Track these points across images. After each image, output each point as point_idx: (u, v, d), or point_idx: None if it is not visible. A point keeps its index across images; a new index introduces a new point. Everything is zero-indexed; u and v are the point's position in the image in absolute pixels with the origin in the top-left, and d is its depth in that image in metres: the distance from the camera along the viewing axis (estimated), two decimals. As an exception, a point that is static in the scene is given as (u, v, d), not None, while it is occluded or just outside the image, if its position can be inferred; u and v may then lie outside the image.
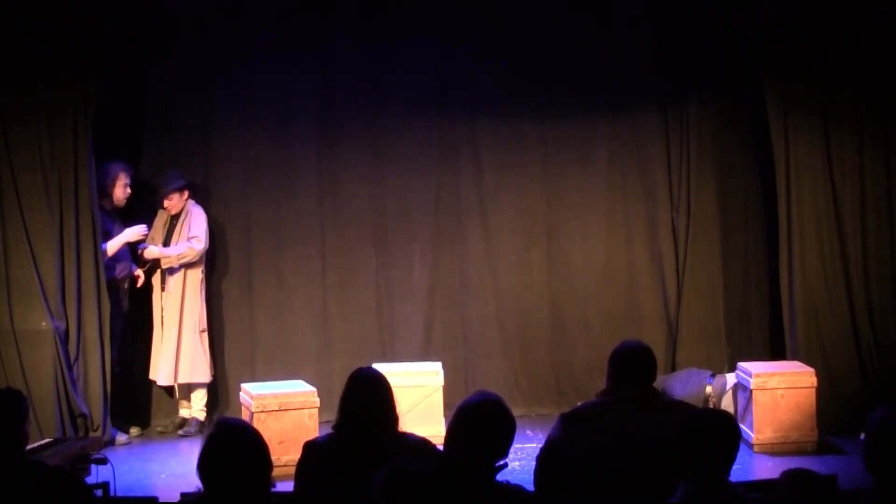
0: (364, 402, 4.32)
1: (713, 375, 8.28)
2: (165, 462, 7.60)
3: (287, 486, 4.39)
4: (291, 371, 8.29)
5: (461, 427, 3.71)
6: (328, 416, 7.02)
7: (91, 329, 7.76)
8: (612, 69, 8.95)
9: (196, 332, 8.33)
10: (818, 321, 8.14)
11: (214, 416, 8.36)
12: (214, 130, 8.73)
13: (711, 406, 7.89)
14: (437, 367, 8.01)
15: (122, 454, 7.69)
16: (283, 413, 7.19)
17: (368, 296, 8.87)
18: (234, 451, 3.45)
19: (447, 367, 8.23)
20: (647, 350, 4.52)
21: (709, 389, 8.14)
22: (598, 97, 8.97)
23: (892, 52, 8.08)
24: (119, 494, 6.02)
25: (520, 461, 6.68)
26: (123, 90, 8.51)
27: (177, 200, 8.39)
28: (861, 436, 5.49)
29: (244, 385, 7.59)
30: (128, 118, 8.63)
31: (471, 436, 3.68)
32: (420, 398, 7.70)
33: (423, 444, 4.31)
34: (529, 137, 8.93)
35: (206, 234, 8.38)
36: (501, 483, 3.70)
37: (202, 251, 8.36)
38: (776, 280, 8.50)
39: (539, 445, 4.50)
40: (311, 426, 7.17)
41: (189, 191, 8.44)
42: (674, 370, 8.78)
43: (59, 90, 7.67)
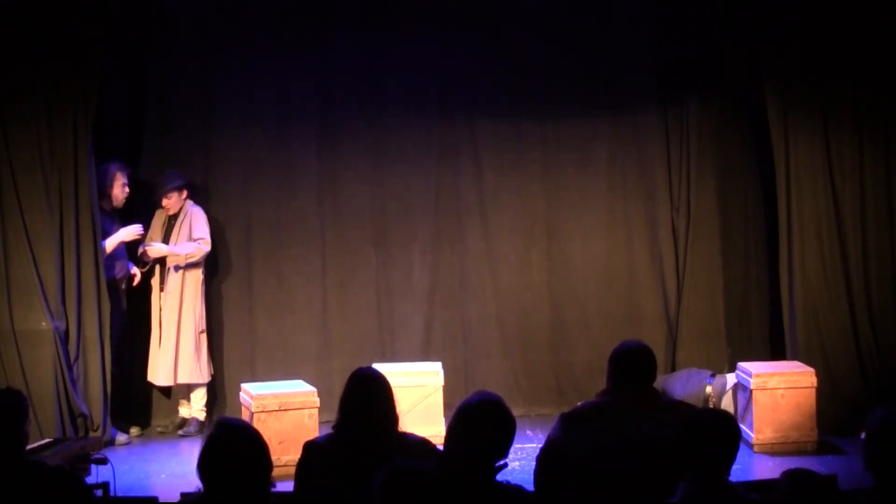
0: (364, 402, 4.32)
1: (713, 375, 8.28)
2: (165, 462, 7.60)
3: (287, 486, 4.39)
4: (291, 371, 8.29)
5: (461, 427, 3.71)
6: (328, 416, 7.02)
7: (91, 329, 7.76)
8: (612, 69, 8.95)
9: (196, 333, 8.33)
10: (818, 321, 8.14)
11: (214, 416, 8.36)
12: (214, 130, 8.73)
13: (711, 406, 7.89)
14: (437, 367, 8.01)
15: (122, 454, 7.68)
16: (283, 413, 7.19)
17: (368, 296, 8.88)
18: (234, 451, 3.45)
19: (447, 367, 8.23)
20: (647, 350, 4.52)
21: (709, 389, 8.14)
22: (598, 97, 8.98)
23: (892, 52, 8.08)
24: (119, 494, 6.02)
25: (520, 461, 6.67)
26: (123, 90, 8.51)
27: (175, 200, 8.39)
28: (861, 435, 5.51)
29: (244, 385, 7.59)
30: (128, 118, 8.63)
31: (471, 436, 3.68)
32: (420, 398, 7.70)
33: (423, 444, 4.31)
34: (529, 137, 8.94)
35: (209, 236, 8.40)
36: (501, 483, 3.70)
37: (207, 253, 8.38)
38: (776, 280, 8.50)
39: (539, 445, 4.50)
40: (311, 426, 7.17)
41: (188, 191, 8.44)
42: (674, 370, 8.78)
43: (59, 90, 7.67)
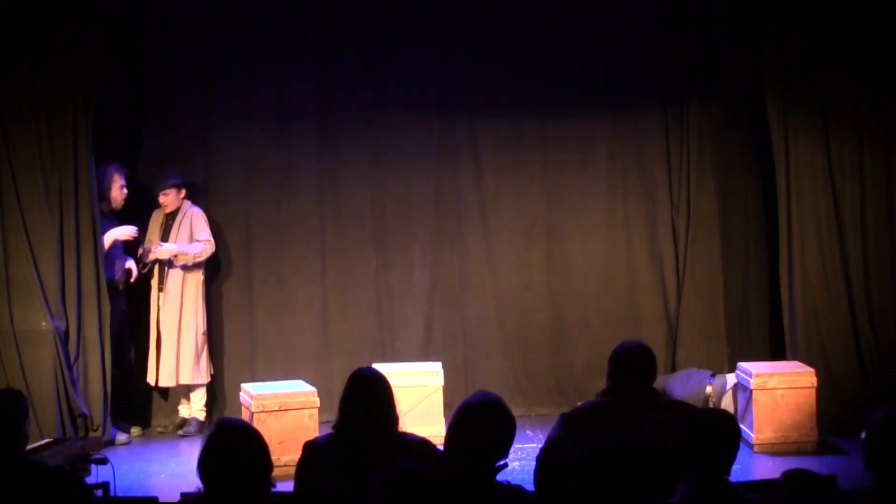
0: (364, 402, 4.32)
1: (713, 375, 8.28)
2: (165, 462, 7.60)
3: (287, 486, 4.39)
4: (291, 371, 8.29)
5: (461, 427, 3.71)
6: (328, 416, 7.02)
7: (91, 329, 7.76)
8: (612, 69, 8.95)
9: (197, 334, 8.33)
10: (818, 321, 8.13)
11: (214, 416, 8.36)
12: (214, 130, 8.73)
13: (711, 406, 7.88)
14: (437, 367, 8.00)
15: (122, 454, 7.68)
16: (283, 413, 7.19)
17: (368, 296, 8.87)
18: (234, 451, 3.45)
19: (447, 367, 8.23)
20: (647, 350, 4.52)
21: (709, 389, 8.14)
22: (598, 97, 8.97)
23: (892, 52, 8.08)
24: (119, 494, 6.02)
25: (520, 461, 6.67)
26: (123, 90, 8.51)
27: (173, 197, 8.36)
28: (861, 435, 5.51)
29: (244, 385, 7.59)
30: (128, 118, 8.63)
31: (471, 436, 3.68)
32: (420, 398, 7.70)
33: (423, 444, 4.31)
34: (529, 137, 8.93)
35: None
36: (501, 483, 3.70)
37: (212, 253, 8.39)
38: (776, 280, 8.49)
39: (539, 445, 4.50)
40: (311, 426, 7.17)
41: (186, 190, 8.43)
42: (674, 370, 8.78)
43: (59, 90, 7.67)
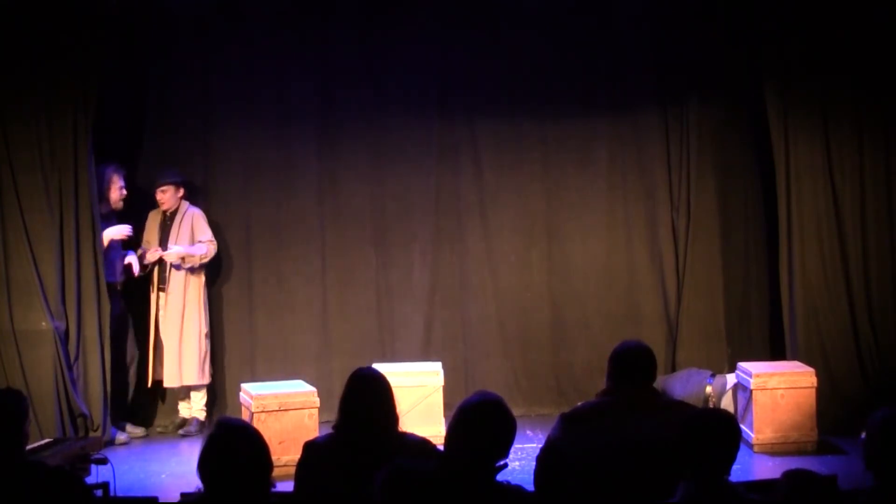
0: (364, 402, 4.32)
1: (713, 375, 8.28)
2: (165, 462, 7.60)
3: (287, 486, 4.39)
4: (291, 371, 8.29)
5: (461, 427, 3.71)
6: (328, 416, 7.02)
7: (91, 329, 7.75)
8: (612, 69, 8.95)
9: (200, 335, 8.33)
10: (818, 321, 8.13)
11: (214, 416, 8.36)
12: (214, 130, 8.73)
13: (711, 406, 7.88)
14: (437, 367, 8.00)
15: (122, 454, 7.68)
16: (283, 413, 7.19)
17: (368, 296, 8.87)
18: (235, 451, 3.45)
19: (447, 367, 8.23)
20: (647, 350, 4.51)
21: (709, 389, 8.14)
22: (598, 97, 8.97)
23: (892, 52, 8.08)
24: (119, 494, 6.02)
25: (520, 461, 6.67)
26: (123, 90, 8.50)
27: (171, 195, 8.34)
28: (861, 435, 5.51)
29: (244, 385, 7.59)
30: (128, 118, 8.62)
31: (471, 436, 3.68)
32: (420, 398, 7.70)
33: (423, 444, 4.31)
34: (529, 137, 8.93)
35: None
36: (501, 483, 3.70)
37: (215, 252, 8.41)
38: (776, 280, 8.49)
39: (539, 445, 4.50)
40: (311, 426, 7.17)
41: (184, 189, 8.42)
42: (674, 370, 8.78)
43: (59, 90, 7.67)
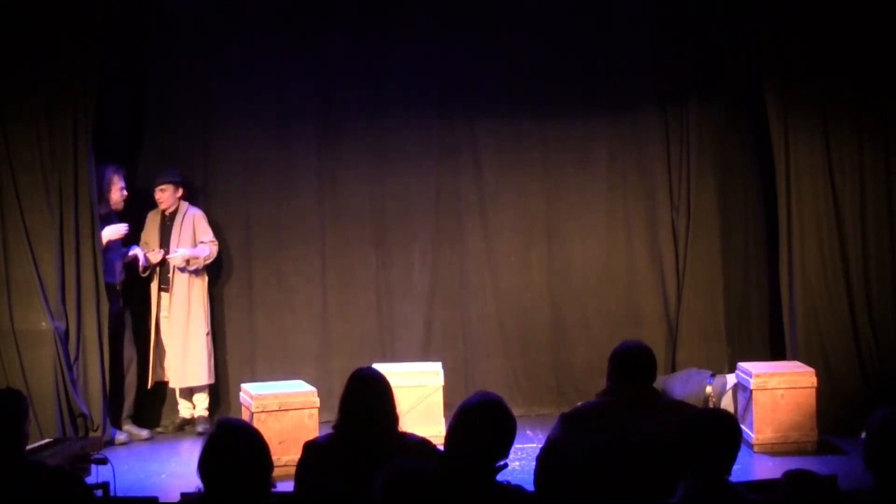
0: (364, 402, 4.32)
1: (713, 375, 8.28)
2: (165, 462, 7.60)
3: (287, 486, 4.39)
4: (291, 371, 8.29)
5: (461, 427, 3.71)
6: (328, 416, 7.02)
7: (91, 329, 7.75)
8: (612, 69, 8.95)
9: (203, 335, 8.34)
10: (818, 321, 8.13)
11: (215, 417, 8.36)
12: (214, 130, 8.73)
13: (711, 406, 7.88)
14: (437, 367, 8.00)
15: (122, 454, 7.68)
16: (283, 413, 7.18)
17: (368, 296, 8.87)
18: (235, 451, 3.45)
19: (447, 367, 8.23)
20: (647, 350, 4.51)
21: (709, 389, 8.14)
22: (598, 97, 8.97)
23: (892, 52, 8.08)
24: (119, 494, 6.02)
25: (520, 461, 6.67)
26: (123, 90, 8.50)
27: (170, 194, 8.33)
28: (861, 435, 5.51)
29: (244, 385, 7.59)
30: (128, 118, 8.62)
31: (471, 436, 3.68)
32: (420, 398, 7.70)
33: (423, 444, 4.31)
34: (529, 137, 8.93)
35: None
36: (501, 483, 3.70)
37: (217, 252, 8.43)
38: (776, 280, 8.49)
39: (539, 445, 4.50)
40: (311, 426, 7.17)
41: (184, 189, 8.42)
42: (674, 370, 8.78)
43: (59, 90, 7.67)
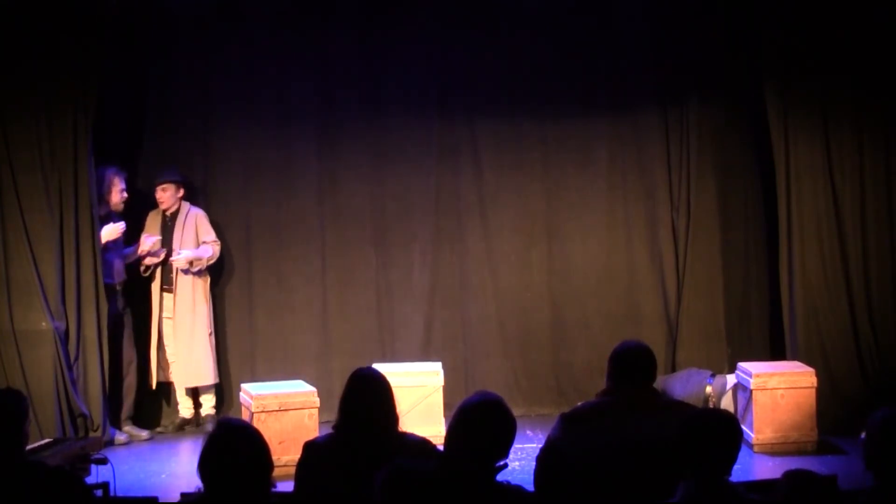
0: (364, 402, 4.32)
1: (713, 375, 8.28)
2: (165, 462, 7.60)
3: (287, 486, 4.39)
4: (291, 371, 8.29)
5: (461, 427, 3.72)
6: (328, 416, 7.02)
7: (90, 329, 7.75)
8: (612, 69, 8.95)
9: (207, 335, 8.34)
10: (818, 321, 8.13)
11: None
12: (214, 130, 8.73)
13: (711, 406, 7.88)
14: (437, 367, 8.00)
15: (122, 454, 7.68)
16: (283, 413, 7.18)
17: (368, 296, 8.87)
18: (235, 451, 3.45)
19: (447, 367, 8.23)
20: (647, 350, 4.51)
21: (709, 389, 8.14)
22: (598, 97, 8.97)
23: (892, 52, 8.08)
24: (119, 494, 6.02)
25: (520, 461, 6.66)
26: (123, 90, 8.50)
27: (171, 193, 8.33)
28: (861, 435, 5.51)
29: (244, 385, 7.59)
30: (128, 118, 8.62)
31: (471, 436, 3.68)
32: (420, 398, 7.70)
33: (423, 444, 4.31)
34: (529, 137, 8.93)
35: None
36: (501, 483, 3.70)
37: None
38: (776, 280, 8.49)
39: (539, 445, 4.50)
40: (311, 426, 7.17)
41: (184, 189, 8.42)
42: (674, 370, 8.78)
43: (59, 90, 7.67)
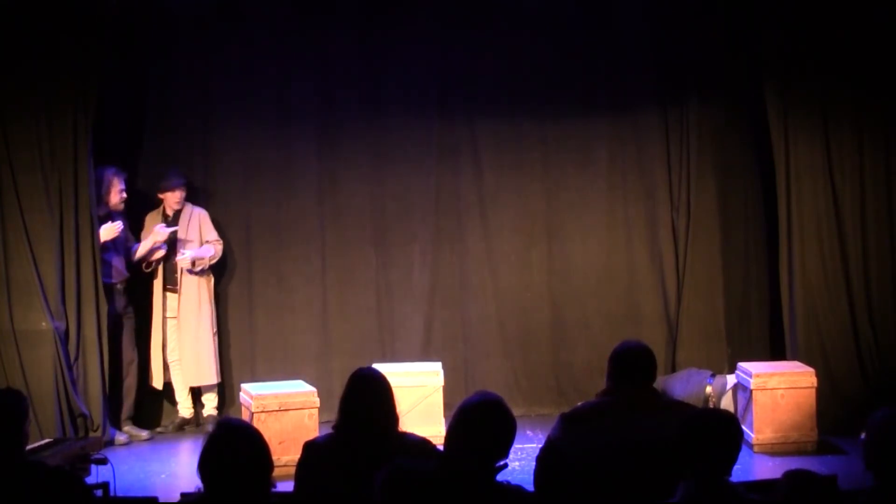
0: (364, 402, 4.32)
1: (713, 375, 8.27)
2: (165, 462, 7.60)
3: (287, 486, 4.39)
4: (291, 371, 8.29)
5: (461, 427, 3.71)
6: (328, 416, 7.02)
7: (90, 329, 7.75)
8: (612, 69, 8.95)
9: (211, 335, 8.35)
10: (818, 321, 8.13)
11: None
12: (214, 130, 8.73)
13: (711, 406, 7.88)
14: (437, 367, 8.00)
15: (122, 454, 7.68)
16: (283, 413, 7.19)
17: (368, 296, 8.87)
18: (235, 451, 3.45)
19: (447, 367, 8.23)
20: (647, 350, 4.51)
21: (709, 389, 8.14)
22: (598, 97, 8.97)
23: (892, 52, 8.08)
24: (119, 494, 6.02)
25: (520, 461, 6.66)
26: (123, 90, 8.50)
27: (182, 196, 8.36)
28: (861, 435, 5.51)
29: (244, 385, 7.59)
30: (128, 118, 8.62)
31: (471, 436, 3.68)
32: (420, 398, 7.70)
33: (423, 444, 4.31)
34: (529, 137, 8.93)
35: None
36: (501, 483, 3.70)
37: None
38: (776, 280, 8.49)
39: (539, 445, 4.50)
40: (311, 426, 7.17)
41: (187, 191, 8.43)
42: (674, 370, 8.78)
43: (59, 90, 7.67)
